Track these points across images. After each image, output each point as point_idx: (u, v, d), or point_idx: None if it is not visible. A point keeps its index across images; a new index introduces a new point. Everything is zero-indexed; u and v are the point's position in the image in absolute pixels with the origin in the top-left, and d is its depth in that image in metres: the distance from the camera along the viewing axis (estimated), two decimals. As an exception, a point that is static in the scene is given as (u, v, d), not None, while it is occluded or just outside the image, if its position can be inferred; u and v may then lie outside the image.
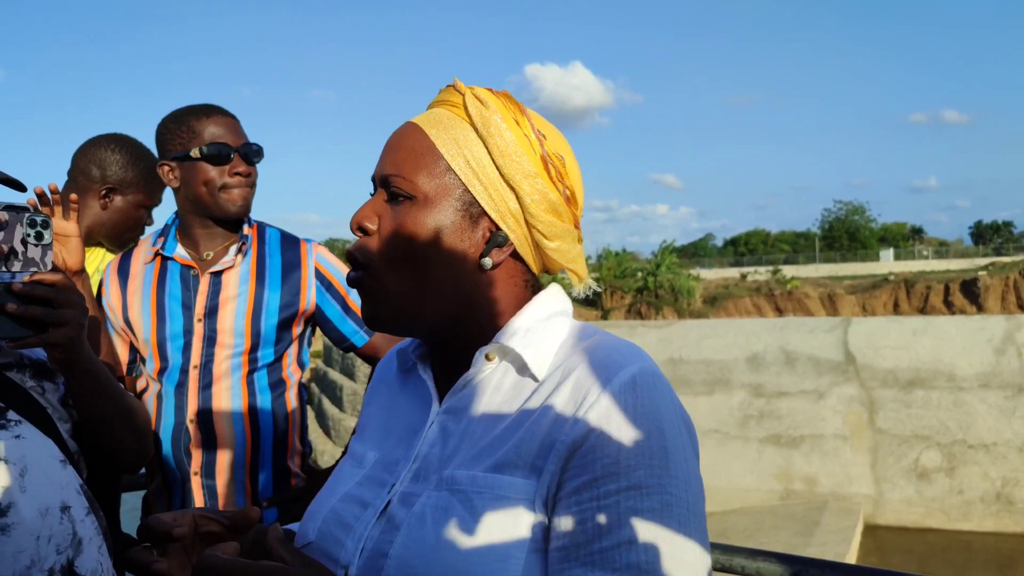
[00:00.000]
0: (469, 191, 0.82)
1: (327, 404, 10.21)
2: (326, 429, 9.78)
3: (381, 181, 0.85)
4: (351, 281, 0.86)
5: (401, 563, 0.73)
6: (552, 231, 0.85)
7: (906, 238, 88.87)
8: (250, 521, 0.86)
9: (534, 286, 0.89)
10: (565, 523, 0.71)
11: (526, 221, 0.84)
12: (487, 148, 0.82)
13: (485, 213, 0.83)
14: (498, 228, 0.83)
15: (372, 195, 0.87)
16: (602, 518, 0.69)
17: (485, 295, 0.84)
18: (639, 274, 24.88)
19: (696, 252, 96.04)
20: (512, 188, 0.83)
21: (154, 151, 2.20)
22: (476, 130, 0.82)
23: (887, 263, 53.72)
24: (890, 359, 6.47)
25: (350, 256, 0.85)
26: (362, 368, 9.07)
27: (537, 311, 0.85)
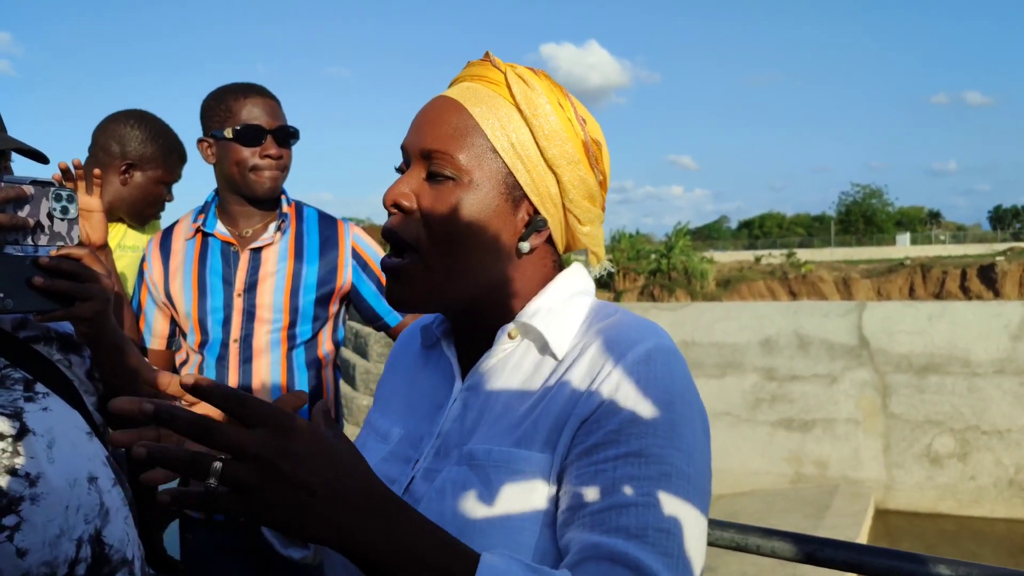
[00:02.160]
0: (512, 174, 0.81)
1: (341, 383, 10.28)
2: (340, 407, 9.85)
3: (421, 155, 0.82)
4: (390, 266, 0.84)
5: None
6: (587, 216, 0.85)
7: (923, 222, 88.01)
8: (296, 404, 0.84)
9: (559, 265, 0.89)
10: (567, 489, 0.72)
11: (563, 205, 0.84)
12: (532, 131, 0.81)
13: (526, 197, 0.82)
14: (537, 212, 0.83)
15: (399, 169, 0.86)
16: (599, 482, 0.70)
17: (515, 277, 0.84)
18: (652, 256, 24.77)
19: (710, 235, 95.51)
20: (554, 172, 0.82)
21: (172, 127, 2.22)
22: (520, 111, 0.81)
23: (903, 247, 53.23)
24: (905, 344, 6.44)
25: (391, 235, 0.83)
26: (375, 347, 9.13)
27: (560, 290, 0.85)
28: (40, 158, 1.26)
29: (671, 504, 0.69)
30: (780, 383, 6.77)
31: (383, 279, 1.94)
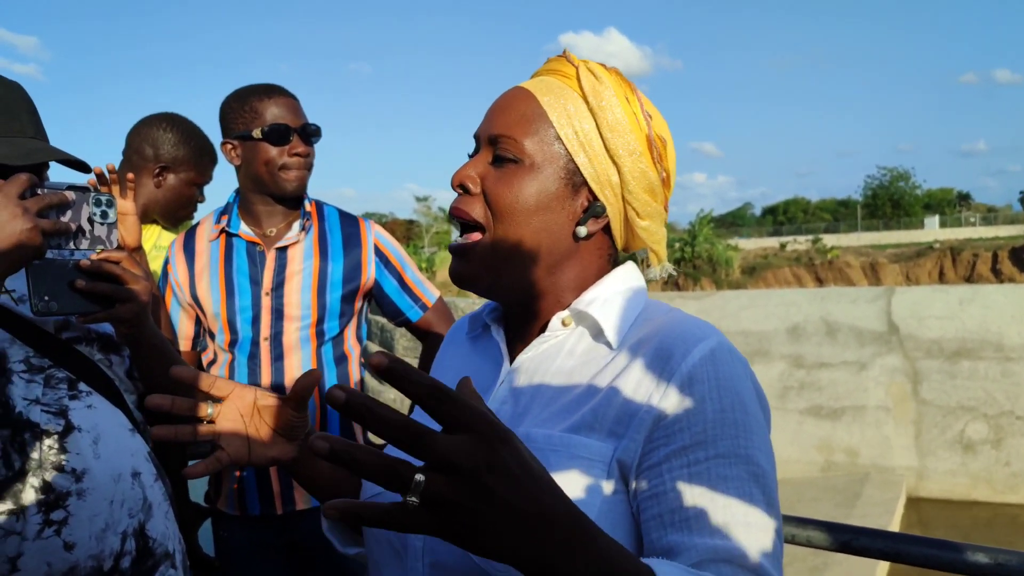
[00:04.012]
0: (574, 160, 0.84)
1: (367, 377, 10.35)
2: (366, 400, 9.89)
3: (489, 140, 0.86)
4: (456, 248, 0.87)
5: None
6: (646, 210, 0.87)
7: (952, 204, 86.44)
8: (312, 381, 0.88)
9: (615, 261, 0.91)
10: (656, 491, 0.72)
11: (623, 197, 0.86)
12: (596, 121, 0.84)
13: (586, 183, 0.85)
14: (596, 199, 0.85)
15: (471, 155, 0.89)
16: (693, 485, 0.71)
17: (572, 263, 0.87)
18: (676, 245, 24.62)
19: (734, 222, 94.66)
20: (615, 163, 0.85)
21: (200, 128, 2.25)
22: (587, 103, 0.84)
23: (932, 231, 52.40)
24: (935, 329, 6.35)
25: (458, 215, 0.86)
26: (400, 341, 9.19)
27: (616, 283, 0.87)
28: (83, 167, 1.29)
29: (763, 501, 0.71)
30: (808, 370, 6.71)
31: (405, 275, 1.96)
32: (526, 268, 0.85)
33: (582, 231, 0.85)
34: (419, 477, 0.50)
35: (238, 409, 0.89)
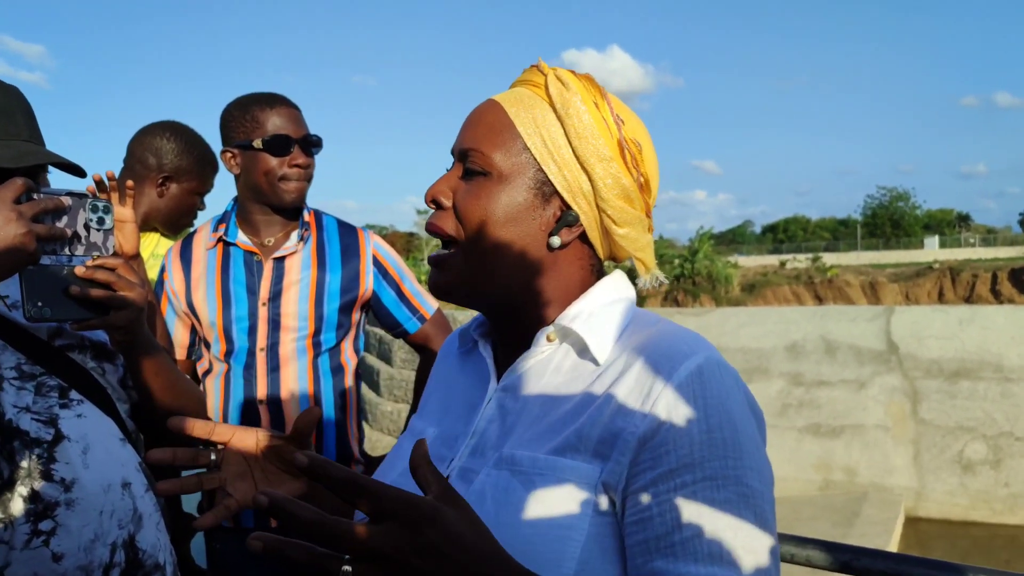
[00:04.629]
0: (543, 170, 0.83)
1: (364, 389, 10.34)
2: (363, 414, 9.89)
3: (460, 155, 0.86)
4: (435, 258, 0.87)
5: None
6: (622, 217, 0.85)
7: (952, 225, 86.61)
8: (313, 418, 0.89)
9: (599, 272, 0.89)
10: (642, 516, 0.71)
11: (597, 205, 0.84)
12: (564, 129, 0.83)
13: (557, 192, 0.84)
14: (569, 208, 0.84)
15: (448, 169, 0.89)
16: (681, 510, 0.69)
17: (550, 275, 0.85)
18: (676, 261, 24.60)
19: (734, 239, 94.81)
20: (586, 170, 0.83)
21: (201, 136, 2.25)
22: (555, 110, 0.83)
23: (932, 251, 52.47)
24: (935, 349, 6.33)
25: (433, 229, 0.86)
26: (399, 353, 9.17)
27: (601, 295, 0.85)
28: (78, 172, 1.28)
29: (755, 524, 0.69)
30: (807, 388, 6.69)
31: (403, 286, 1.95)
32: (500, 280, 0.84)
33: (555, 241, 0.83)
34: (346, 568, 0.53)
35: (241, 452, 0.90)
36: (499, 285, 0.84)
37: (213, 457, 0.88)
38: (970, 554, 5.75)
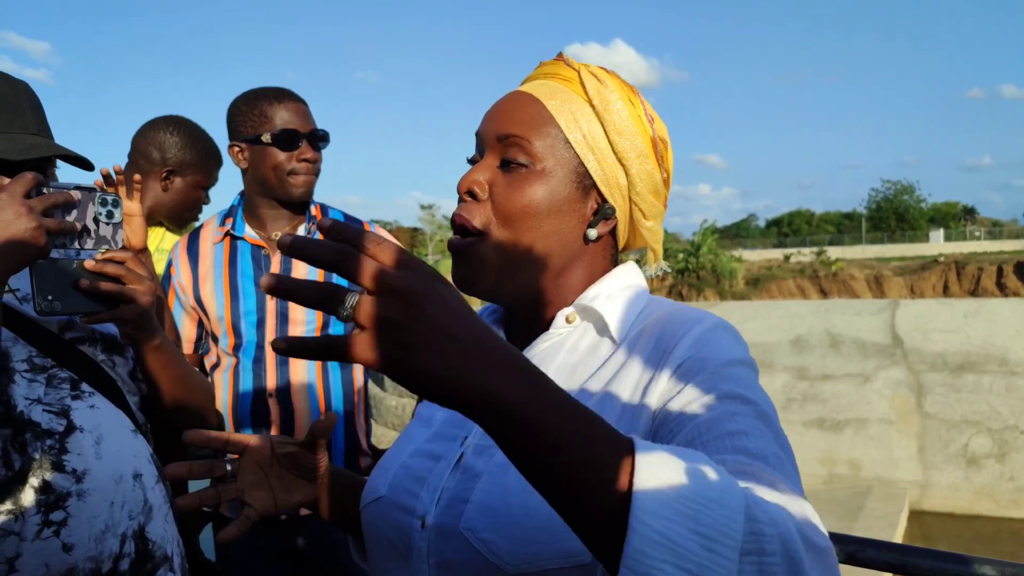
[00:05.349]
0: (583, 164, 0.84)
1: (369, 382, 10.34)
2: (368, 408, 9.91)
3: (498, 139, 0.85)
4: (457, 246, 0.85)
5: (482, 507, 0.75)
6: (651, 211, 0.89)
7: (957, 218, 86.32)
8: (327, 425, 0.89)
9: (615, 261, 0.92)
10: (673, 421, 0.71)
11: (630, 198, 0.87)
12: (603, 124, 0.85)
13: (595, 186, 0.86)
14: (605, 201, 0.86)
15: (471, 160, 0.88)
16: (709, 413, 0.69)
17: (580, 265, 0.87)
18: (680, 255, 24.58)
19: (738, 233, 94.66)
20: (623, 165, 0.86)
21: (204, 130, 2.25)
22: (593, 106, 0.85)
23: (937, 244, 52.30)
24: (939, 342, 6.32)
25: (460, 222, 0.85)
26: (404, 347, 9.19)
27: (617, 281, 0.88)
28: (86, 165, 1.29)
29: (776, 436, 0.70)
30: (812, 382, 6.68)
31: None
32: (534, 272, 0.85)
33: (593, 233, 0.85)
34: (352, 297, 0.50)
35: (256, 462, 0.91)
36: (530, 278, 0.85)
37: (229, 468, 0.90)
38: (974, 547, 5.75)
